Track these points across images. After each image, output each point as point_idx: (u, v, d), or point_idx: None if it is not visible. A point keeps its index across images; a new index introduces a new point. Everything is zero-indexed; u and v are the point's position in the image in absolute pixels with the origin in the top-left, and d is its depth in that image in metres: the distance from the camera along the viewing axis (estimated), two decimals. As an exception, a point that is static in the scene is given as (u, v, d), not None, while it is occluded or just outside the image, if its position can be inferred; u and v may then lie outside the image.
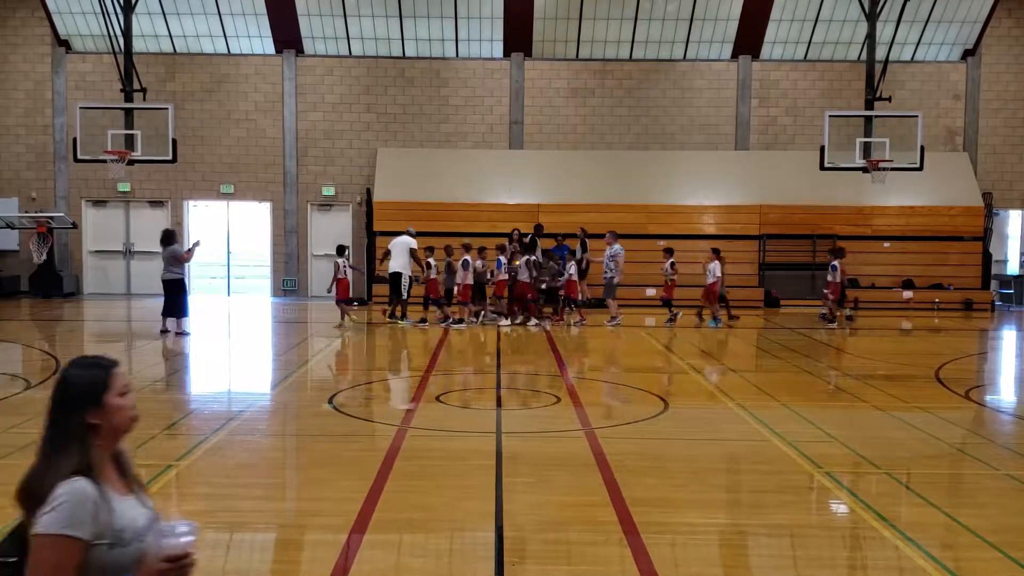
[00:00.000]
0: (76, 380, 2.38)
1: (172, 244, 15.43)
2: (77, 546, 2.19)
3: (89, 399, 2.35)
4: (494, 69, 23.45)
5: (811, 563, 5.19)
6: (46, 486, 2.24)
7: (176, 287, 15.19)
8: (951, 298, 21.92)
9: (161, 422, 8.77)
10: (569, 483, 6.58)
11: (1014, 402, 10.84)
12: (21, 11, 23.07)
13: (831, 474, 6.88)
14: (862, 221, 22.47)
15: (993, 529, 5.59)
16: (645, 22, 23.03)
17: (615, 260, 17.54)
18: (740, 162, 23.25)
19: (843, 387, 11.21)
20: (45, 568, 2.18)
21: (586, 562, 5.05)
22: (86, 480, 2.26)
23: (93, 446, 2.33)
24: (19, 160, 23.26)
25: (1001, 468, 7.20)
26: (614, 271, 17.58)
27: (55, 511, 2.20)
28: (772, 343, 15.41)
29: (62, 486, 2.23)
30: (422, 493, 6.25)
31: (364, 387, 11.23)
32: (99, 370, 2.42)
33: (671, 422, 8.88)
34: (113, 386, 2.40)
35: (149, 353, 13.76)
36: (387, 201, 21.99)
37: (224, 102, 23.28)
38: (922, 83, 23.57)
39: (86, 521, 2.20)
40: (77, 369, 2.42)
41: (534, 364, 12.92)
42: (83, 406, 2.35)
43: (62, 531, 2.18)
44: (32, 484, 2.28)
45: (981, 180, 23.20)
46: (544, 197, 22.31)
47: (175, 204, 23.34)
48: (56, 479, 2.24)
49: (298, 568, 5.12)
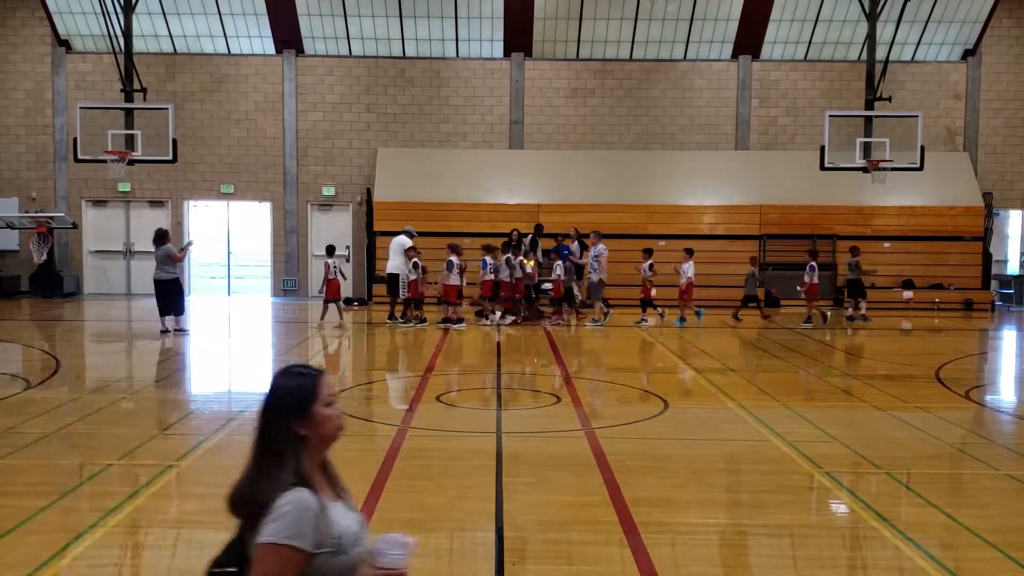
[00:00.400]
0: (284, 391, 2.39)
1: (165, 244, 15.56)
2: (300, 556, 2.21)
3: (297, 409, 2.36)
4: (494, 69, 23.45)
5: (811, 563, 5.19)
6: (266, 496, 2.26)
7: (172, 286, 15.38)
8: (951, 298, 21.93)
9: (161, 422, 8.78)
10: (569, 483, 6.58)
11: (1014, 402, 10.83)
12: (21, 11, 23.07)
13: (831, 474, 6.88)
14: (862, 221, 22.47)
15: (993, 529, 5.59)
16: (645, 22, 23.04)
17: (599, 260, 17.55)
18: (740, 162, 23.26)
19: (843, 387, 11.21)
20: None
21: (586, 562, 5.05)
22: (307, 490, 2.28)
23: (305, 456, 2.35)
24: (19, 160, 23.26)
25: (1001, 468, 7.20)
26: (598, 271, 17.59)
27: (279, 521, 2.22)
28: (772, 343, 15.41)
29: (284, 496, 2.25)
30: (422, 493, 6.25)
31: (364, 387, 11.23)
32: (306, 380, 2.41)
33: (671, 422, 8.88)
34: (320, 396, 2.40)
35: (149, 353, 13.76)
36: (387, 201, 21.99)
37: (224, 102, 23.28)
38: (922, 83, 23.57)
39: (308, 531, 2.22)
40: (284, 379, 2.42)
41: (534, 364, 12.91)
42: (292, 416, 2.36)
43: (287, 541, 2.20)
44: (250, 494, 2.30)
45: (981, 180, 23.20)
46: (544, 197, 22.31)
47: (175, 204, 23.34)
48: (276, 489, 2.26)
49: (298, 568, 5.11)
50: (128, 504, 5.89)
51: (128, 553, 5.24)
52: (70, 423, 8.43)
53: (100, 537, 5.27)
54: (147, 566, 5.10)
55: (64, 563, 4.87)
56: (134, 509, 5.82)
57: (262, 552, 2.21)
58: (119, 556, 5.16)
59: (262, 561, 2.21)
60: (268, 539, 2.21)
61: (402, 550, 2.33)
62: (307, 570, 2.23)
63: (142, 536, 5.48)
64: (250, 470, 2.35)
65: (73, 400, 9.67)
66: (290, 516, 2.21)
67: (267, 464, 2.32)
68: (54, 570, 4.77)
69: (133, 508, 5.83)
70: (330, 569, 2.26)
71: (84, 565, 4.92)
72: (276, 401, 2.38)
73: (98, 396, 9.86)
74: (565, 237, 18.98)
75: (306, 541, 2.21)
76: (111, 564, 5.01)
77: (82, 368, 12.45)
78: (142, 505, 5.93)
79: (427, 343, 14.83)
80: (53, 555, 4.93)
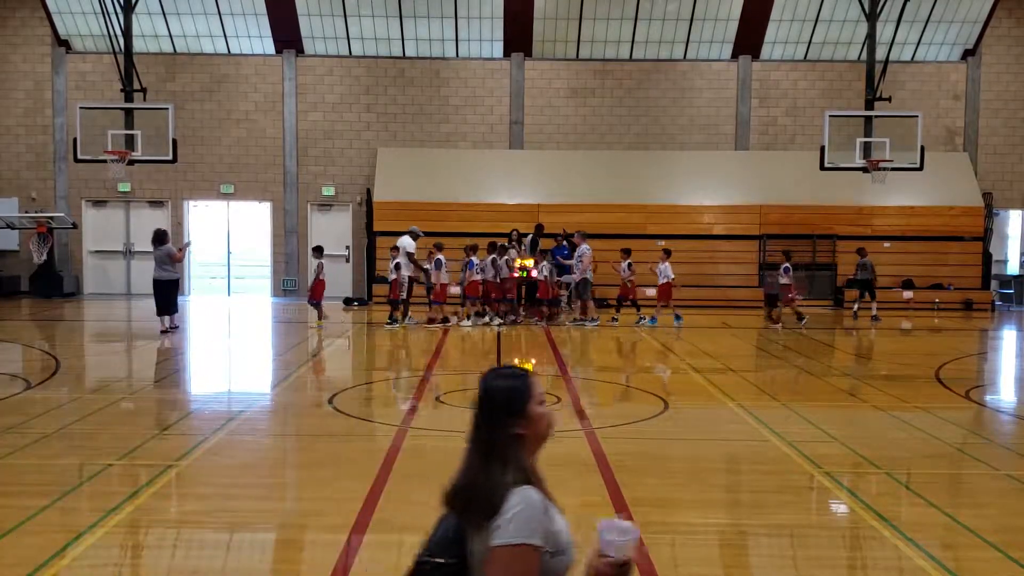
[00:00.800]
0: (499, 392, 2.42)
1: (166, 244, 15.74)
2: (536, 554, 2.23)
3: (514, 410, 2.39)
4: (494, 69, 23.45)
5: (811, 563, 5.19)
6: (494, 496, 2.28)
7: (172, 286, 15.63)
8: (951, 298, 21.93)
9: (161, 422, 8.78)
10: (569, 483, 6.58)
11: (1014, 402, 10.83)
12: (21, 11, 23.07)
13: (831, 474, 6.88)
14: (862, 221, 22.47)
15: (993, 529, 5.59)
16: (645, 22, 23.04)
17: (581, 260, 17.53)
18: (740, 162, 23.25)
19: (843, 387, 11.21)
20: None
21: (586, 562, 5.04)
22: (532, 488, 2.30)
23: (524, 455, 2.38)
24: (19, 160, 23.26)
25: (1001, 468, 7.20)
26: (581, 271, 17.56)
27: (513, 521, 2.23)
28: (772, 343, 15.41)
29: (514, 496, 2.27)
30: (422, 493, 6.24)
31: (364, 387, 11.23)
32: (518, 380, 2.44)
33: (671, 422, 8.88)
34: (534, 395, 2.43)
35: (149, 353, 13.76)
36: (387, 201, 21.99)
37: (224, 102, 23.28)
38: (922, 83, 23.57)
39: (540, 528, 2.24)
40: (497, 381, 2.45)
41: (534, 364, 12.91)
42: (509, 417, 2.38)
43: (525, 540, 2.22)
44: (475, 493, 2.32)
45: (981, 180, 23.20)
46: (544, 197, 22.31)
47: (175, 204, 23.34)
48: (503, 489, 2.28)
49: (298, 568, 5.12)
50: (128, 504, 5.89)
51: (128, 553, 5.24)
52: (70, 423, 8.43)
53: (100, 537, 5.27)
54: (147, 566, 5.10)
55: (64, 563, 4.87)
56: (134, 509, 5.82)
57: (503, 555, 2.22)
58: (119, 556, 5.16)
59: (505, 564, 2.22)
60: (507, 540, 2.22)
61: (628, 536, 2.27)
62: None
63: (142, 536, 5.48)
64: (471, 470, 2.38)
65: (73, 400, 9.67)
66: (523, 515, 2.24)
67: (490, 464, 2.34)
68: (54, 570, 4.77)
69: (133, 508, 5.83)
70: (551, 569, 2.27)
71: (84, 565, 4.92)
72: (492, 402, 2.41)
73: (98, 396, 9.86)
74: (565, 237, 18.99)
75: (540, 539, 2.24)
76: (111, 564, 5.01)
77: (82, 368, 12.45)
78: (142, 505, 5.93)
79: (427, 343, 14.83)
80: (53, 555, 4.93)
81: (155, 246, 15.68)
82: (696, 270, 21.95)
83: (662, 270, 17.69)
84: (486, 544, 2.25)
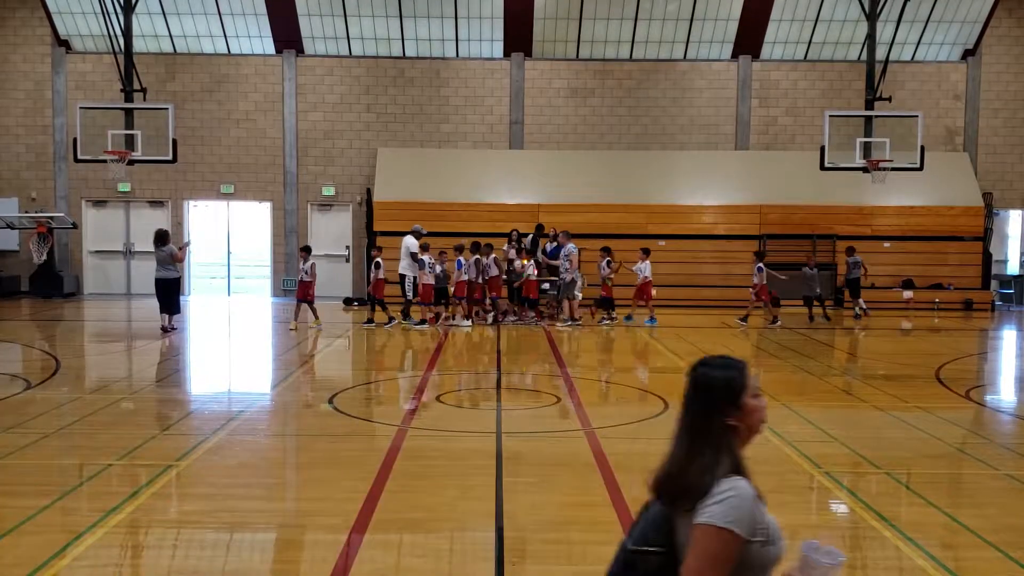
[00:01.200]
0: (716, 382, 2.42)
1: (167, 244, 15.86)
2: (736, 541, 2.25)
3: (730, 400, 2.39)
4: (494, 69, 23.45)
5: (811, 563, 5.17)
6: (704, 482, 2.30)
7: (175, 285, 15.82)
8: (951, 298, 21.93)
9: (161, 422, 8.78)
10: (569, 483, 6.58)
11: (1014, 402, 10.83)
12: (21, 11, 23.07)
13: (831, 474, 6.88)
14: (862, 221, 22.47)
15: (993, 529, 5.59)
16: (645, 22, 23.04)
17: (569, 259, 17.53)
18: (740, 162, 23.25)
19: (843, 387, 11.21)
20: (706, 556, 2.25)
21: (586, 562, 5.05)
22: (744, 479, 2.33)
23: (737, 446, 2.39)
24: (19, 160, 23.27)
25: (1001, 468, 7.20)
26: (569, 270, 17.56)
27: (721, 504, 2.26)
28: (772, 343, 15.41)
29: (725, 483, 2.29)
30: (422, 493, 6.25)
31: (364, 387, 11.23)
32: (734, 371, 2.44)
33: (671, 422, 8.85)
34: (748, 387, 2.43)
35: (149, 353, 13.76)
36: (387, 201, 22.00)
37: (224, 102, 23.28)
38: (922, 83, 23.57)
39: (746, 518, 2.26)
40: (711, 370, 2.45)
41: (534, 364, 12.92)
42: (725, 407, 2.39)
43: (728, 525, 2.24)
44: (687, 481, 2.34)
45: (981, 180, 23.20)
46: (544, 197, 22.31)
47: (175, 204, 23.35)
48: (714, 476, 2.31)
49: (298, 568, 5.12)
50: (128, 504, 5.89)
51: (128, 553, 5.24)
52: (70, 423, 8.43)
53: (100, 537, 5.27)
54: (147, 566, 5.10)
55: (64, 563, 4.87)
56: (134, 509, 5.82)
57: (703, 533, 2.26)
58: (119, 556, 5.16)
59: (703, 541, 2.26)
60: (710, 521, 2.25)
61: (834, 560, 2.31)
62: (740, 557, 2.27)
63: (142, 536, 5.48)
64: (683, 458, 2.39)
65: (73, 400, 9.67)
66: (732, 502, 2.26)
67: (704, 454, 2.35)
68: (54, 570, 4.77)
69: (133, 508, 5.83)
70: (760, 559, 2.30)
71: (84, 565, 4.92)
72: (709, 392, 2.41)
73: (98, 396, 9.85)
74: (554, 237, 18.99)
75: (744, 528, 2.25)
76: (111, 564, 5.01)
77: (82, 368, 12.45)
78: (142, 505, 5.93)
79: (427, 343, 14.82)
80: (53, 555, 4.94)
81: (157, 246, 15.79)
82: (696, 270, 21.97)
83: (640, 268, 17.73)
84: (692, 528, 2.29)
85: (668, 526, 2.38)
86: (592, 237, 19.82)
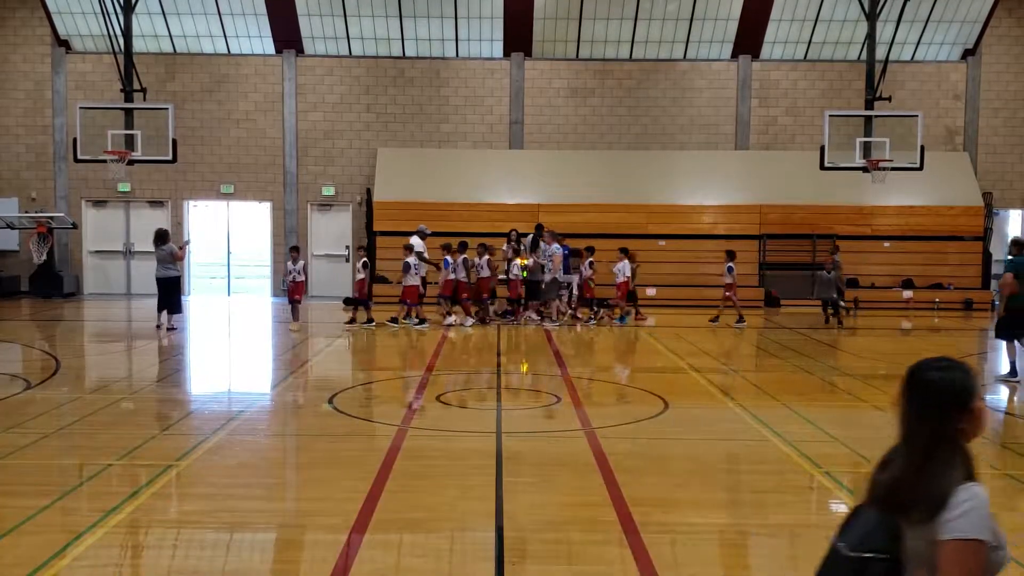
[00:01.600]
0: (947, 385, 2.36)
1: (168, 243, 15.94)
2: (984, 550, 2.24)
3: (960, 403, 2.35)
4: (494, 69, 23.45)
5: (811, 563, 5.14)
6: (942, 492, 2.26)
7: (176, 284, 15.96)
8: (951, 298, 21.92)
9: (161, 422, 8.78)
10: (569, 483, 6.58)
11: (1014, 402, 10.83)
12: (21, 11, 23.07)
13: (831, 474, 6.88)
14: (862, 221, 22.47)
15: (993, 529, 5.58)
16: (645, 22, 23.04)
17: (552, 260, 17.52)
18: (740, 162, 23.25)
19: (843, 387, 11.21)
20: (965, 572, 2.22)
21: (586, 562, 5.05)
22: (979, 485, 2.29)
23: (968, 452, 2.35)
24: (19, 160, 23.27)
25: (1001, 468, 7.20)
26: (551, 270, 17.54)
27: (966, 517, 2.23)
28: (772, 343, 15.41)
29: (962, 492, 2.26)
30: (422, 493, 6.25)
31: (364, 387, 11.23)
32: (964, 374, 2.39)
33: (671, 422, 8.88)
34: (978, 390, 2.39)
35: (149, 353, 13.76)
36: (387, 201, 21.99)
37: (224, 102, 23.28)
38: (922, 83, 23.57)
39: (990, 525, 2.25)
40: (941, 374, 2.39)
41: (535, 364, 12.92)
42: (955, 411, 2.34)
43: (977, 536, 2.22)
44: (920, 489, 2.30)
45: (981, 180, 23.20)
46: (544, 197, 22.31)
47: (175, 204, 23.35)
48: (951, 484, 2.27)
49: (298, 568, 5.12)
50: (128, 504, 5.89)
51: (128, 553, 5.24)
52: (70, 423, 8.43)
53: (100, 537, 5.27)
54: (147, 566, 5.10)
55: (64, 563, 4.87)
56: (134, 509, 5.82)
57: (955, 549, 2.23)
58: (119, 556, 5.16)
59: (957, 558, 2.22)
60: (962, 536, 2.22)
61: None
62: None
63: (142, 536, 5.48)
64: (912, 466, 2.35)
65: (73, 400, 9.67)
66: (975, 512, 2.23)
67: (933, 460, 2.31)
68: (54, 570, 4.77)
69: (133, 508, 5.83)
70: (993, 564, 2.28)
71: (84, 565, 4.92)
72: (940, 396, 2.36)
73: (98, 396, 9.86)
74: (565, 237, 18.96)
75: (988, 535, 2.24)
76: (111, 564, 5.00)
77: (82, 368, 12.45)
78: (142, 505, 5.93)
79: (427, 343, 14.82)
80: (53, 555, 4.93)
81: (157, 245, 15.85)
82: (696, 270, 21.97)
83: (620, 269, 17.78)
84: (929, 540, 2.25)
85: (892, 533, 2.34)
86: (592, 237, 19.79)
